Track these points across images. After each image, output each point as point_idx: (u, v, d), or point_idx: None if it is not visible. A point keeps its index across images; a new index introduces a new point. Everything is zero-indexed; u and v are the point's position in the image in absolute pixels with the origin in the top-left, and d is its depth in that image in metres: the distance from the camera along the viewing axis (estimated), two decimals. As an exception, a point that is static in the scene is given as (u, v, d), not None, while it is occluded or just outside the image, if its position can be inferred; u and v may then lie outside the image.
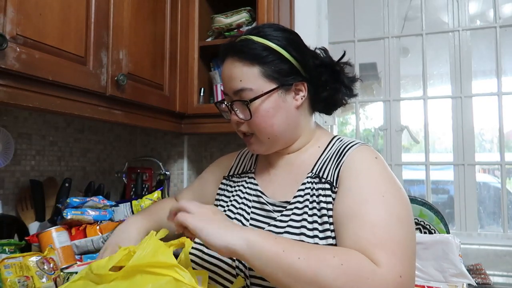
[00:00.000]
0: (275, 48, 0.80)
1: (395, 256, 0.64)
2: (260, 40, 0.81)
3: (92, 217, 1.23)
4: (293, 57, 0.82)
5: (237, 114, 0.83)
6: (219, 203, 0.93)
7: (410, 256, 0.67)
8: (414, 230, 0.73)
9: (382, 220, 0.68)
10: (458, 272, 1.25)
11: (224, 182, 0.97)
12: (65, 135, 1.51)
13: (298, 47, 0.84)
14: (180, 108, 1.53)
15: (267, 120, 0.81)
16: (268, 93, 0.80)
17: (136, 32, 1.28)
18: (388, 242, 0.65)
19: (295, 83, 0.83)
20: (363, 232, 0.67)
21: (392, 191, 0.72)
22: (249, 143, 0.87)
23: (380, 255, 0.64)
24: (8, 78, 0.86)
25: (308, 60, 0.85)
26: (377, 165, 0.76)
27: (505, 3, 1.79)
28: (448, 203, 2.26)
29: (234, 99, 0.82)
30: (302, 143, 0.88)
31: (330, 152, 0.83)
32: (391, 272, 0.62)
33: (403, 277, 0.62)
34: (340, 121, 2.64)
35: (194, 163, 1.90)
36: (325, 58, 0.88)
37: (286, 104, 0.82)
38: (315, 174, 0.81)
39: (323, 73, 0.86)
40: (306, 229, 0.74)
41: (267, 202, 0.84)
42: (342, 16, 1.98)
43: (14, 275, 0.89)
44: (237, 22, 1.58)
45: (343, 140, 0.85)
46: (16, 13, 0.86)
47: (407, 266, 0.64)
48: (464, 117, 1.73)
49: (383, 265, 0.63)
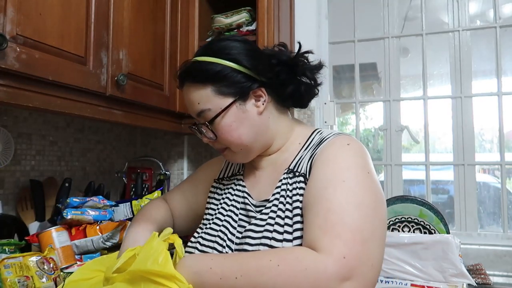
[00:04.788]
0: (223, 63, 0.81)
1: (340, 239, 0.63)
2: (207, 59, 0.82)
3: (92, 217, 1.23)
4: (244, 66, 0.82)
5: (205, 135, 0.85)
6: (209, 206, 0.94)
7: (366, 239, 0.65)
8: (381, 216, 0.71)
9: (337, 206, 0.67)
10: (458, 272, 1.25)
11: (214, 185, 0.98)
12: (65, 135, 1.51)
13: (249, 54, 0.83)
14: (180, 108, 1.53)
15: (233, 134, 0.82)
16: (226, 109, 0.81)
17: (136, 32, 1.28)
18: (337, 226, 0.65)
19: (253, 91, 0.83)
20: (317, 219, 0.68)
21: (355, 177, 0.71)
22: (226, 156, 0.89)
23: (325, 241, 0.64)
24: (8, 78, 0.86)
25: (262, 64, 0.84)
26: (346, 151, 0.76)
27: (505, 3, 1.79)
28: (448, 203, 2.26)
29: (198, 122, 0.85)
30: (280, 143, 0.89)
31: (309, 147, 0.84)
32: (333, 255, 0.62)
33: (347, 258, 0.61)
34: (340, 121, 2.64)
35: (194, 163, 1.90)
36: (281, 56, 0.87)
37: (248, 113, 0.83)
38: (290, 170, 0.82)
39: (281, 72, 0.85)
40: (279, 226, 0.75)
41: (250, 203, 0.85)
42: (342, 16, 1.98)
43: (14, 275, 0.89)
44: (237, 22, 1.58)
45: (323, 133, 0.85)
46: (16, 13, 0.86)
47: (355, 248, 0.63)
48: (464, 117, 1.73)
49: (324, 250, 0.63)
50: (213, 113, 0.81)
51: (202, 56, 0.83)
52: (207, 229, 0.87)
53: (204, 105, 0.81)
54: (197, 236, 0.88)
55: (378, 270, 0.66)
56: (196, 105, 0.83)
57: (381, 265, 0.68)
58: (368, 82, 2.48)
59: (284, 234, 0.74)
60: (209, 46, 0.86)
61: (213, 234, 0.85)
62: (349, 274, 0.61)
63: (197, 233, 0.89)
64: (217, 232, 0.85)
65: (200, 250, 0.84)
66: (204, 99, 0.81)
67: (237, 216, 0.86)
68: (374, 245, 0.66)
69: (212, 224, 0.88)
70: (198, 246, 0.85)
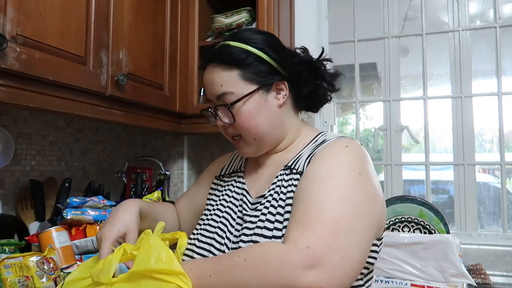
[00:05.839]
0: (252, 51, 0.82)
1: (310, 230, 0.64)
2: (237, 45, 0.83)
3: (92, 217, 1.23)
4: (271, 57, 0.83)
5: (221, 119, 0.85)
6: (209, 203, 0.95)
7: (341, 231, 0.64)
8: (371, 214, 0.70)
9: (318, 200, 0.68)
10: (458, 272, 1.25)
11: (215, 182, 0.99)
12: (65, 135, 1.51)
13: (275, 48, 0.85)
14: (180, 108, 1.53)
15: (251, 121, 0.82)
16: (249, 95, 0.81)
17: (136, 32, 1.28)
18: (311, 219, 0.65)
19: (276, 83, 0.84)
20: (297, 212, 0.69)
21: (344, 175, 0.71)
22: (238, 146, 0.89)
23: (295, 233, 0.65)
24: (8, 78, 0.86)
25: (287, 59, 0.86)
26: (342, 152, 0.76)
27: (505, 3, 1.79)
28: (448, 203, 2.26)
29: (216, 104, 0.84)
30: (288, 141, 0.89)
31: (310, 147, 0.84)
32: (297, 244, 0.62)
33: (311, 248, 0.61)
34: (340, 121, 2.64)
35: (194, 163, 1.90)
36: (304, 57, 0.89)
37: (268, 104, 0.83)
38: (287, 167, 0.82)
39: (302, 71, 0.87)
40: (269, 222, 0.76)
41: (248, 200, 0.86)
42: (342, 16, 1.98)
43: (14, 275, 0.89)
44: (237, 22, 1.58)
45: (327, 135, 0.86)
46: (16, 13, 0.86)
47: (325, 239, 0.62)
48: (464, 117, 1.73)
49: (291, 241, 0.64)
50: (235, 97, 0.81)
51: (232, 41, 0.84)
52: (205, 225, 0.87)
53: (227, 87, 0.81)
54: (196, 232, 0.88)
55: (352, 264, 0.64)
56: (219, 87, 0.82)
57: (359, 260, 0.67)
58: (368, 82, 2.48)
59: (273, 230, 0.74)
60: (238, 33, 0.87)
61: (210, 231, 0.85)
62: (314, 263, 0.60)
63: (196, 229, 0.90)
64: (214, 228, 0.85)
65: (198, 247, 0.84)
66: (229, 82, 0.81)
67: (235, 214, 0.86)
68: (350, 239, 0.65)
69: (210, 220, 0.88)
70: (196, 242, 0.85)
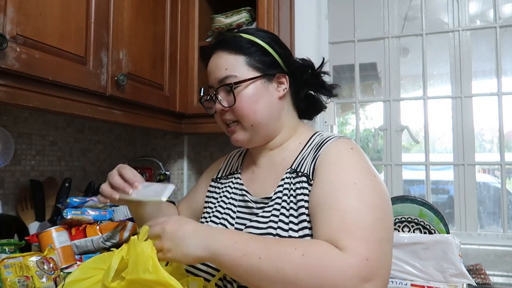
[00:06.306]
0: (259, 43, 0.87)
1: (362, 240, 0.65)
2: (245, 36, 0.88)
3: (92, 217, 1.23)
4: (275, 51, 0.88)
5: (221, 102, 0.86)
6: (207, 205, 0.95)
7: (381, 240, 0.67)
8: (390, 217, 0.73)
9: (352, 207, 0.69)
10: (458, 272, 1.25)
11: (212, 184, 1.00)
12: (65, 135, 1.51)
13: (281, 45, 0.90)
14: (180, 108, 1.53)
15: (250, 106, 0.84)
16: (252, 80, 0.84)
17: (136, 32, 1.28)
18: (356, 228, 0.66)
19: (277, 75, 0.88)
20: (333, 219, 0.69)
21: (364, 179, 0.73)
22: (232, 131, 0.89)
23: (347, 241, 0.65)
24: (8, 78, 0.86)
25: (290, 58, 0.91)
26: (351, 155, 0.78)
27: (505, 3, 1.79)
28: (448, 203, 2.26)
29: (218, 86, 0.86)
30: (283, 138, 0.90)
31: (309, 148, 0.85)
32: (357, 256, 0.63)
33: (369, 260, 0.63)
34: (340, 121, 2.64)
35: (194, 163, 1.90)
36: (307, 62, 0.95)
37: (269, 93, 0.86)
38: (293, 170, 0.83)
39: (304, 73, 0.92)
40: (283, 223, 0.76)
41: (250, 199, 0.86)
42: (342, 16, 1.98)
43: (14, 275, 0.89)
44: (237, 22, 1.58)
45: (324, 135, 0.87)
46: (16, 13, 0.86)
47: (375, 250, 0.65)
48: (464, 117, 1.73)
49: (348, 250, 0.64)
50: (238, 80, 0.84)
51: (242, 33, 0.89)
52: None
53: (232, 71, 0.84)
54: None
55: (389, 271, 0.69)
56: (223, 70, 0.85)
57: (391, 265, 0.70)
58: (368, 82, 2.48)
59: (289, 231, 0.75)
60: (246, 29, 0.93)
61: None
62: (370, 275, 0.62)
63: None
64: None
65: None
66: (233, 66, 0.85)
67: (235, 214, 0.87)
68: (387, 246, 0.68)
69: (210, 222, 0.88)
70: None
